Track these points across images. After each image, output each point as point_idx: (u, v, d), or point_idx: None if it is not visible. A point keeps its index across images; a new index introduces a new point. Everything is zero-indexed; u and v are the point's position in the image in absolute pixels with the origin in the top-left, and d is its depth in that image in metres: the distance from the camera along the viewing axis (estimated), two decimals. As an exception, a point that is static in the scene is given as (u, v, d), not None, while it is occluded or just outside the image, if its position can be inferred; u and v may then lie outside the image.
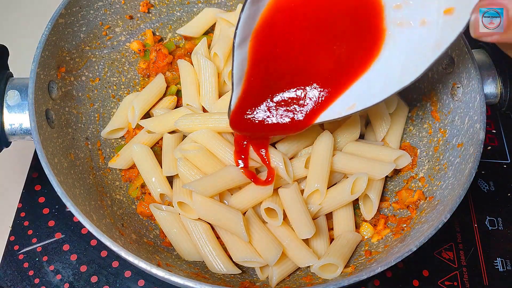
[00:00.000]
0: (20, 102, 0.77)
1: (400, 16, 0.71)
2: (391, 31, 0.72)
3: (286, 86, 0.77)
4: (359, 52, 0.74)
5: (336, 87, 0.75)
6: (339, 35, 0.74)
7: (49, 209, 0.96)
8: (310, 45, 0.75)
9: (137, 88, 1.00)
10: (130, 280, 0.89)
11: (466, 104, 0.81)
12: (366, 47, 0.73)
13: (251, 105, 0.78)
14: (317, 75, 0.75)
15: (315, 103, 0.75)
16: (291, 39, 0.76)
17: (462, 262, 0.93)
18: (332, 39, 0.74)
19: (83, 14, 0.89)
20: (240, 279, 0.81)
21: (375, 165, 0.83)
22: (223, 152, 0.83)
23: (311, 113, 0.76)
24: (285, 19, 0.75)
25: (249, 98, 0.78)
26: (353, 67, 0.74)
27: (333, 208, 0.83)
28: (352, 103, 0.74)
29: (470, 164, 0.74)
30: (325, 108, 0.75)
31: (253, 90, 0.78)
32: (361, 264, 0.78)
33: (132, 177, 0.91)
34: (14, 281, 0.88)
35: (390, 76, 0.72)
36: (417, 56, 0.70)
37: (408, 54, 0.71)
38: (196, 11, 1.05)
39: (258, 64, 0.77)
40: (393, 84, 0.72)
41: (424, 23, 0.70)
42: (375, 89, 0.73)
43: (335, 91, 0.75)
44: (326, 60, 0.75)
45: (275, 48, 0.76)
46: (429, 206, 0.79)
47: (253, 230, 0.78)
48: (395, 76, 0.72)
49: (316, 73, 0.75)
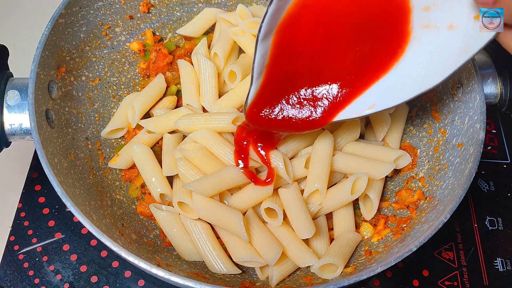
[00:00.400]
0: (20, 102, 0.77)
1: (428, 18, 0.70)
2: (417, 33, 0.71)
3: (306, 83, 0.76)
4: (382, 53, 0.73)
5: (356, 87, 0.74)
6: (363, 35, 0.73)
7: (49, 209, 0.96)
8: (333, 43, 0.74)
9: (137, 88, 1.00)
10: (130, 280, 0.89)
11: (466, 104, 0.81)
12: (390, 48, 0.73)
13: (269, 100, 0.78)
14: (338, 74, 0.75)
15: (335, 101, 0.75)
16: (315, 36, 0.75)
17: (462, 262, 0.93)
18: (356, 39, 0.73)
19: (83, 14, 0.89)
20: (240, 279, 0.81)
21: (375, 165, 0.83)
22: (223, 152, 0.83)
23: (330, 111, 0.75)
24: (310, 16, 0.74)
25: (268, 93, 0.77)
26: (374, 68, 0.73)
27: (333, 208, 0.83)
28: (372, 103, 0.73)
29: (470, 164, 0.74)
30: (344, 106, 0.75)
31: (272, 85, 0.77)
32: (361, 264, 0.78)
33: (132, 177, 0.91)
34: (14, 281, 0.88)
35: (412, 78, 0.72)
36: (442, 60, 0.70)
37: (432, 58, 0.71)
38: (196, 11, 1.05)
39: (280, 59, 0.76)
40: (415, 87, 0.71)
41: (452, 27, 0.69)
42: (396, 90, 0.72)
43: (355, 90, 0.74)
44: (348, 60, 0.74)
45: (298, 45, 0.75)
46: (429, 206, 0.79)
47: (253, 230, 0.78)
48: (418, 79, 0.71)
49: (337, 72, 0.75)
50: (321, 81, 0.75)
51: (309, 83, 0.76)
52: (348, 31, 0.73)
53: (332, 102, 0.75)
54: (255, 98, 0.78)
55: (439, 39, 0.70)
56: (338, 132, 0.88)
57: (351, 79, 0.74)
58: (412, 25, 0.71)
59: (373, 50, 0.73)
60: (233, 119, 0.84)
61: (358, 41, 0.73)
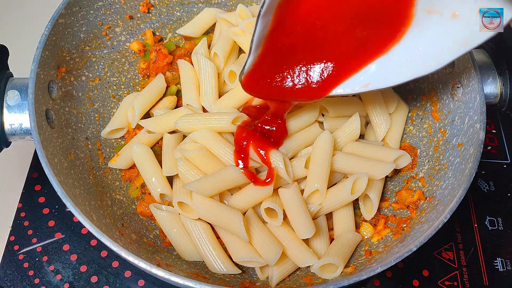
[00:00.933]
0: (20, 102, 0.77)
1: (432, 4, 0.70)
2: (419, 17, 0.71)
3: (304, 56, 0.76)
4: (382, 33, 0.73)
5: (353, 64, 0.75)
6: (365, 15, 0.73)
7: (49, 209, 0.96)
8: (333, 20, 0.74)
9: (137, 88, 1.00)
10: (130, 280, 0.89)
11: (466, 104, 0.81)
12: (390, 29, 0.73)
13: (266, 69, 0.78)
14: (336, 50, 0.75)
15: (330, 75, 0.75)
16: (316, 13, 0.75)
17: (462, 262, 0.93)
18: (357, 17, 0.73)
19: (83, 14, 0.89)
20: (240, 279, 0.81)
21: (375, 165, 0.83)
22: (223, 152, 0.83)
23: (325, 84, 0.76)
24: None
25: (265, 62, 0.78)
26: (373, 47, 0.73)
27: (333, 208, 0.83)
28: (367, 81, 0.74)
29: (470, 164, 0.74)
30: (340, 82, 0.75)
31: (270, 55, 0.77)
32: (361, 264, 0.78)
33: (132, 177, 0.91)
34: (14, 281, 0.88)
35: (408, 62, 0.72)
36: (441, 47, 0.70)
37: (431, 44, 0.71)
38: (196, 11, 1.05)
39: (279, 32, 0.76)
40: (410, 71, 0.72)
41: (456, 16, 0.68)
42: (392, 72, 0.73)
43: (352, 67, 0.75)
44: (347, 37, 0.74)
45: (298, 19, 0.75)
46: (429, 206, 0.79)
47: (253, 230, 0.78)
48: (414, 63, 0.72)
49: (335, 48, 0.75)
50: (319, 56, 0.76)
51: (307, 56, 0.76)
52: (351, 9, 0.73)
53: (328, 76, 0.76)
54: (252, 67, 0.78)
55: (441, 26, 0.70)
56: (338, 132, 0.88)
57: (348, 55, 0.74)
58: (415, 8, 0.71)
59: (373, 30, 0.73)
60: (233, 119, 0.84)
61: (359, 19, 0.73)
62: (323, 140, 0.83)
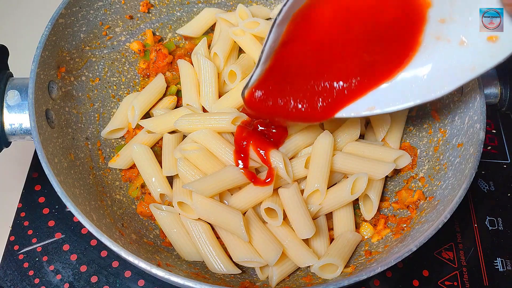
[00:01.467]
0: (20, 102, 0.77)
1: (441, 30, 0.70)
2: (427, 44, 0.71)
3: (312, 76, 0.75)
4: (390, 59, 0.73)
5: (359, 88, 0.74)
6: (375, 40, 0.73)
7: (49, 209, 0.96)
8: (344, 43, 0.74)
9: (137, 88, 1.00)
10: (130, 280, 0.89)
11: (466, 104, 0.81)
12: (398, 55, 0.73)
13: (272, 86, 0.77)
14: (343, 73, 0.74)
15: (337, 98, 0.75)
16: (328, 32, 0.75)
17: (462, 262, 0.93)
18: (367, 42, 0.73)
19: (83, 14, 0.89)
20: (240, 279, 0.81)
21: (375, 165, 0.83)
22: (223, 152, 0.83)
23: (330, 107, 0.75)
24: (328, 12, 0.74)
25: (272, 79, 0.77)
26: (380, 72, 0.73)
27: (333, 208, 0.83)
28: (372, 105, 0.74)
29: (470, 164, 0.74)
30: (346, 105, 0.75)
31: (278, 72, 0.76)
32: (361, 264, 0.78)
33: (132, 177, 0.91)
34: (14, 281, 0.88)
35: (414, 88, 0.72)
36: (447, 74, 0.70)
37: (437, 70, 0.71)
38: (196, 11, 1.05)
39: (290, 48, 0.76)
40: (416, 96, 0.72)
41: (463, 43, 0.69)
42: (397, 96, 0.73)
43: (358, 91, 0.74)
44: (355, 61, 0.74)
45: (311, 37, 0.75)
46: (429, 206, 0.79)
47: (253, 230, 0.78)
48: (420, 89, 0.72)
49: (343, 71, 0.74)
50: (326, 77, 0.75)
51: (314, 76, 0.75)
52: (361, 33, 0.73)
53: (334, 99, 0.75)
54: (258, 82, 0.77)
55: (448, 53, 0.70)
56: (338, 132, 0.88)
57: (355, 80, 0.74)
58: (424, 35, 0.71)
59: (381, 55, 0.73)
60: (233, 119, 0.84)
61: (369, 44, 0.73)
62: (323, 140, 0.83)
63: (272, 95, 0.77)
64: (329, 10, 0.74)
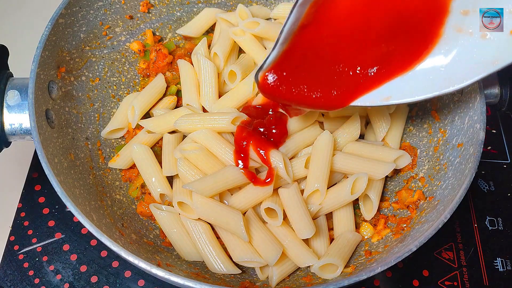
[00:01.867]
0: (20, 102, 0.77)
1: (463, 22, 0.69)
2: (447, 36, 0.70)
3: (328, 63, 0.74)
4: (409, 50, 0.72)
5: (377, 77, 0.73)
6: (395, 30, 0.72)
7: (49, 209, 0.96)
8: (364, 31, 0.73)
9: (137, 88, 1.00)
10: (130, 280, 0.89)
11: (466, 104, 0.81)
12: (418, 47, 0.72)
13: (287, 71, 0.75)
14: (362, 61, 0.73)
15: (353, 87, 0.73)
16: (349, 18, 0.73)
17: (462, 262, 0.93)
18: (388, 32, 0.72)
19: (83, 14, 0.89)
20: (240, 279, 0.81)
21: (375, 165, 0.83)
22: (223, 152, 0.83)
23: (346, 95, 0.74)
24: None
25: (288, 63, 0.75)
26: (398, 63, 0.72)
27: (333, 208, 0.83)
28: (388, 95, 0.73)
29: (470, 164, 0.74)
30: (363, 94, 0.74)
31: (294, 56, 0.75)
32: (361, 264, 0.78)
33: (132, 177, 0.91)
34: (14, 281, 0.88)
35: (432, 79, 0.71)
36: (468, 66, 0.69)
37: (458, 62, 0.70)
38: (196, 11, 1.05)
39: (309, 32, 0.74)
40: (433, 88, 0.71)
41: (485, 36, 0.68)
42: (415, 87, 0.72)
43: (376, 81, 0.73)
44: (373, 50, 0.73)
45: (330, 23, 0.74)
46: (429, 206, 0.79)
47: (253, 230, 0.78)
48: (439, 80, 0.71)
49: (362, 59, 0.73)
50: (343, 65, 0.74)
51: (331, 64, 0.74)
52: (381, 23, 0.72)
53: (350, 88, 0.73)
54: (273, 64, 0.75)
55: (470, 45, 0.69)
56: (338, 132, 0.88)
57: (373, 69, 0.73)
58: (445, 27, 0.70)
59: (400, 46, 0.72)
60: (232, 119, 0.84)
61: (389, 34, 0.72)
62: (323, 140, 0.83)
63: (287, 80, 0.75)
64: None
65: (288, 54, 0.75)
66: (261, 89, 0.76)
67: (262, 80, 0.75)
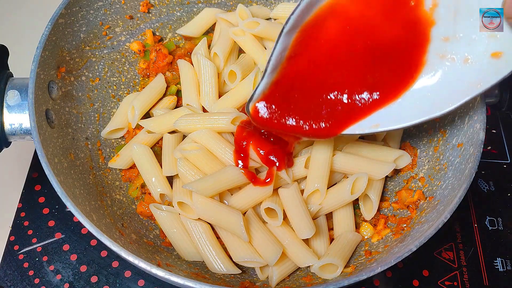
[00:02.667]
0: (20, 102, 0.77)
1: (445, 49, 0.71)
2: (431, 63, 0.72)
3: (316, 94, 0.75)
4: (394, 80, 0.73)
5: (364, 109, 0.74)
6: (378, 62, 0.73)
7: (49, 209, 0.96)
8: (348, 64, 0.74)
9: (137, 88, 1.00)
10: (130, 280, 0.89)
11: (466, 104, 0.81)
12: (402, 76, 0.73)
13: (277, 104, 0.76)
14: (348, 93, 0.74)
15: (341, 118, 0.74)
16: (335, 48, 0.75)
17: (462, 262, 0.93)
18: (370, 64, 0.73)
19: (83, 14, 0.89)
20: (240, 279, 0.81)
21: (375, 165, 0.83)
22: (223, 152, 0.83)
23: (336, 125, 0.75)
24: (336, 27, 0.74)
25: (277, 95, 0.76)
26: (384, 93, 0.73)
27: (333, 208, 0.83)
28: (376, 123, 0.74)
29: (470, 164, 0.74)
30: (351, 123, 0.74)
31: (283, 88, 0.76)
32: (361, 264, 0.78)
33: (132, 177, 0.91)
34: (14, 281, 0.88)
35: (419, 105, 0.72)
36: (451, 91, 0.71)
37: (442, 88, 0.71)
38: (196, 11, 1.05)
39: (295, 64, 0.76)
40: (422, 113, 0.72)
41: (467, 61, 0.70)
42: (403, 115, 0.73)
43: (363, 112, 0.74)
44: (360, 81, 0.74)
45: (317, 52, 0.75)
46: (429, 206, 0.79)
47: (253, 230, 0.78)
48: (425, 106, 0.72)
49: (348, 90, 0.74)
50: (332, 96, 0.75)
51: (320, 95, 0.75)
52: (365, 54, 0.74)
53: (338, 119, 0.74)
54: (263, 96, 0.76)
55: (453, 71, 0.71)
56: (338, 132, 0.88)
57: (361, 99, 0.74)
58: (428, 55, 0.72)
59: (385, 76, 0.73)
60: (232, 119, 0.84)
61: (374, 64, 0.73)
62: (323, 140, 0.83)
63: (277, 112, 0.76)
64: (335, 28, 0.74)
65: (277, 86, 0.76)
66: (254, 121, 0.78)
67: (253, 112, 0.77)
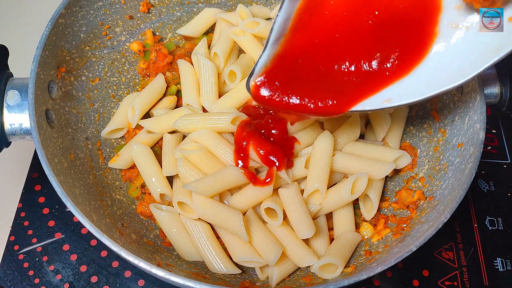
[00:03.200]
0: (20, 102, 0.77)
1: (458, 18, 0.67)
2: (444, 33, 0.68)
3: (326, 65, 0.70)
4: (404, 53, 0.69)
5: (375, 82, 0.70)
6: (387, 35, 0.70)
7: (49, 209, 0.96)
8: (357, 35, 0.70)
9: (137, 88, 1.00)
10: (130, 280, 0.89)
11: (466, 104, 0.81)
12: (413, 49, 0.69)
13: (280, 80, 0.70)
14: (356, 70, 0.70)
15: (351, 92, 0.70)
16: (340, 24, 0.70)
17: (462, 262, 0.93)
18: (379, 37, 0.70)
19: (83, 14, 0.89)
20: (240, 279, 0.81)
21: (375, 165, 0.83)
22: (223, 152, 0.83)
23: (346, 100, 0.70)
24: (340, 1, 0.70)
25: (280, 70, 0.70)
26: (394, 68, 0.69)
27: (333, 208, 0.83)
28: (388, 97, 0.69)
29: (470, 164, 0.74)
30: (361, 99, 0.69)
31: (286, 63, 0.70)
32: (361, 264, 0.78)
33: (132, 177, 0.91)
34: (14, 281, 0.88)
35: (433, 78, 0.69)
36: (468, 60, 0.67)
37: (456, 58, 0.68)
38: (196, 11, 1.05)
39: (300, 38, 0.71)
40: (436, 86, 0.68)
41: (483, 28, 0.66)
42: (416, 88, 0.69)
43: (374, 86, 0.70)
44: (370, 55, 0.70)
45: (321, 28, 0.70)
46: (429, 206, 0.79)
47: (253, 230, 0.78)
48: (439, 79, 0.68)
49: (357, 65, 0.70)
50: (340, 71, 0.70)
51: (326, 71, 0.70)
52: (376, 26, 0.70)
53: (349, 93, 0.70)
54: (265, 71, 0.70)
55: (467, 40, 0.67)
56: (338, 132, 0.88)
57: (371, 74, 0.70)
58: (439, 26, 0.68)
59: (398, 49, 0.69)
60: (232, 119, 0.84)
61: (385, 38, 0.70)
62: (323, 140, 0.83)
63: (280, 89, 0.71)
64: None
65: (280, 61, 0.71)
66: (255, 98, 0.73)
67: (254, 88, 0.71)
